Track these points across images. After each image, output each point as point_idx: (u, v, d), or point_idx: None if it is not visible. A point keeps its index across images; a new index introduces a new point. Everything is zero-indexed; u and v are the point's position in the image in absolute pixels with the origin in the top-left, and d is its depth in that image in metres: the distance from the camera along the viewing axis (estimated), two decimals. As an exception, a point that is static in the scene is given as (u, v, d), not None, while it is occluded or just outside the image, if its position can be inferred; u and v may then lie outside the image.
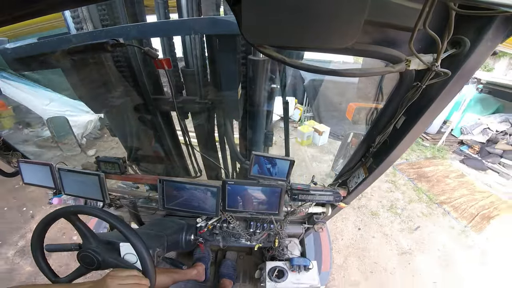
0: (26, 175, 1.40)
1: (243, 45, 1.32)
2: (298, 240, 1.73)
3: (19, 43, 1.19)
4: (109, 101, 1.56)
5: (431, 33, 0.47)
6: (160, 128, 1.74)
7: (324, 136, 3.92)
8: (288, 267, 1.50)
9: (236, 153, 1.87)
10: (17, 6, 0.44)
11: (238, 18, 0.45)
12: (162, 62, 0.94)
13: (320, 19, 0.42)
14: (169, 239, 1.30)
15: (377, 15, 0.49)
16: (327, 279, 1.94)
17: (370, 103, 1.17)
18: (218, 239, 1.51)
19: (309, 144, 3.87)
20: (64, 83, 1.32)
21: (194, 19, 1.13)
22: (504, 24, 0.48)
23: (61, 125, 1.87)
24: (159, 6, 1.24)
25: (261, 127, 1.70)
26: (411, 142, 0.82)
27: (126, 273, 0.91)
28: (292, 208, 1.37)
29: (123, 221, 0.98)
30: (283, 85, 1.70)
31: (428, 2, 0.41)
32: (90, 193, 1.33)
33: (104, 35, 1.09)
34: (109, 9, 1.22)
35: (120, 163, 1.28)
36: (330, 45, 0.47)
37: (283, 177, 1.16)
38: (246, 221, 1.49)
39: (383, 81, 1.05)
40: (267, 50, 0.52)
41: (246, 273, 2.04)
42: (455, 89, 0.62)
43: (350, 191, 1.17)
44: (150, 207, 1.58)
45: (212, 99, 1.54)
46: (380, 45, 0.58)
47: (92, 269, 0.98)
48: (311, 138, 3.94)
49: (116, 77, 1.42)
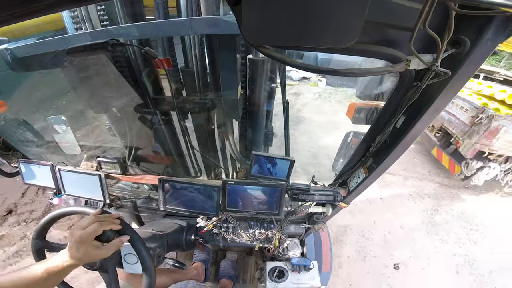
0: (26, 174, 1.40)
1: (243, 45, 1.32)
2: (298, 240, 1.73)
3: (19, 43, 1.19)
4: (109, 101, 1.56)
5: (431, 33, 0.47)
6: (160, 127, 1.74)
7: (323, 82, 7.68)
8: (289, 267, 1.50)
9: (236, 153, 1.87)
10: (17, 6, 0.44)
11: (238, 18, 0.45)
12: (162, 62, 0.94)
13: (320, 19, 0.42)
14: (170, 239, 1.30)
15: (377, 15, 0.49)
16: (327, 279, 1.93)
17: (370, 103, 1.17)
18: (218, 239, 1.50)
19: (315, 86, 7.71)
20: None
21: (194, 19, 1.13)
22: (504, 24, 0.48)
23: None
24: (159, 6, 1.24)
25: (261, 127, 1.70)
26: (411, 142, 0.82)
27: (86, 221, 0.81)
28: (292, 208, 1.37)
29: (123, 221, 0.98)
30: (283, 85, 1.70)
31: (428, 2, 0.41)
32: (91, 193, 1.33)
33: (104, 35, 1.09)
34: (108, 9, 1.22)
35: (120, 163, 1.28)
36: (330, 45, 0.47)
37: (283, 177, 1.16)
38: (246, 221, 1.49)
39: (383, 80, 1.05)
40: (267, 50, 0.52)
41: (246, 273, 2.04)
42: (455, 89, 0.62)
43: (350, 191, 1.17)
44: (150, 207, 1.58)
45: (212, 99, 1.54)
46: (380, 45, 0.58)
47: (92, 269, 0.98)
48: (316, 83, 7.79)
49: (116, 77, 1.42)
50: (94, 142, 2.16)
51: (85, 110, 1.78)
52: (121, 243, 0.84)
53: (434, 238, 3.53)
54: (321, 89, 7.37)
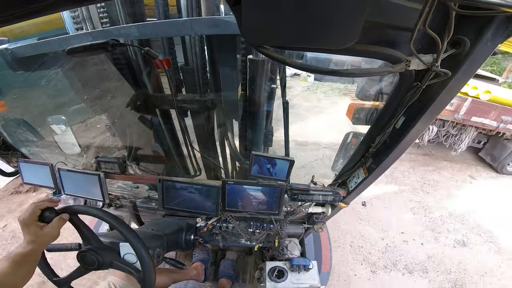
0: (26, 174, 1.39)
1: (243, 44, 1.32)
2: (298, 240, 1.73)
3: (19, 43, 1.19)
4: (109, 101, 1.56)
5: (431, 33, 0.47)
6: (160, 127, 1.74)
7: (311, 78, 8.80)
8: (288, 267, 1.50)
9: (236, 153, 1.87)
10: (17, 6, 0.44)
11: (238, 18, 0.44)
12: (162, 62, 0.94)
13: (320, 19, 0.42)
14: (169, 239, 1.30)
15: (377, 15, 0.49)
16: (327, 279, 1.93)
17: (370, 103, 1.17)
18: (218, 239, 1.50)
19: (305, 81, 8.84)
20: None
21: (194, 19, 1.13)
22: (504, 24, 0.48)
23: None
24: (159, 6, 1.24)
25: (261, 127, 1.70)
26: (410, 142, 0.82)
27: (26, 207, 0.88)
28: (292, 208, 1.37)
29: (123, 221, 0.98)
30: (283, 85, 1.70)
31: (428, 2, 0.41)
32: (90, 193, 1.33)
33: (104, 35, 1.09)
34: (109, 9, 1.22)
35: (120, 163, 1.28)
36: (330, 45, 0.47)
37: (283, 177, 1.16)
38: (246, 221, 1.49)
39: (383, 81, 1.05)
40: (267, 50, 0.52)
41: (246, 273, 2.04)
42: (455, 89, 0.62)
43: (350, 191, 1.17)
44: (150, 207, 1.57)
45: (212, 98, 1.54)
46: (380, 46, 0.58)
47: (92, 269, 0.98)
48: (305, 79, 8.89)
49: (116, 77, 1.42)
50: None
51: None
52: (62, 220, 0.89)
53: (393, 186, 4.37)
54: (309, 83, 8.79)
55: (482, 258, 3.29)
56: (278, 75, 1.64)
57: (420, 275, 2.99)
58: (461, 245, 3.43)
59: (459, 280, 3.00)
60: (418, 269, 3.05)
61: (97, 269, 0.98)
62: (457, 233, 3.60)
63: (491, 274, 3.11)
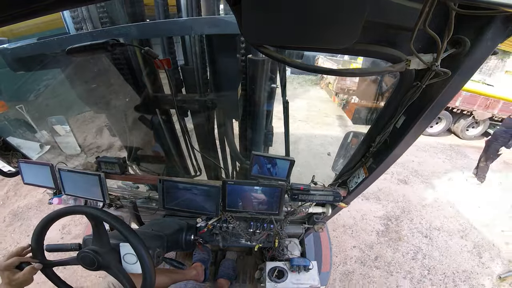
0: (26, 175, 1.39)
1: (243, 44, 1.32)
2: (298, 240, 1.72)
3: (19, 43, 1.19)
4: (109, 101, 1.56)
5: (431, 33, 0.47)
6: (160, 127, 1.74)
7: (288, 71, 8.63)
8: (288, 267, 1.50)
9: (236, 153, 1.87)
10: (17, 6, 0.44)
11: (238, 18, 0.44)
12: (162, 62, 0.94)
13: (320, 19, 0.42)
14: (169, 239, 1.29)
15: (377, 15, 0.49)
16: (327, 280, 1.93)
17: (370, 103, 1.17)
18: (218, 239, 1.50)
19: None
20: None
21: (195, 19, 1.13)
22: (504, 24, 0.48)
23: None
24: (159, 5, 1.24)
25: (261, 127, 1.70)
26: (411, 141, 0.82)
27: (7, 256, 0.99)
28: (292, 208, 1.37)
29: (123, 222, 0.98)
30: (283, 85, 1.70)
31: (428, 2, 0.41)
32: (90, 193, 1.33)
33: (104, 35, 1.09)
34: (109, 9, 1.22)
35: (120, 163, 1.28)
36: (330, 45, 0.47)
37: (283, 177, 1.16)
38: (246, 221, 1.49)
39: (383, 80, 1.05)
40: (267, 50, 0.52)
41: (246, 273, 2.03)
42: (455, 89, 0.62)
43: (350, 191, 1.17)
44: (150, 207, 1.57)
45: (212, 98, 1.54)
46: (380, 45, 0.58)
47: (91, 269, 0.98)
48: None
49: (116, 77, 1.42)
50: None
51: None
52: (33, 269, 1.00)
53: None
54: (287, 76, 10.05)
55: (421, 193, 4.33)
56: (278, 75, 1.64)
57: (375, 201, 4.01)
58: (404, 183, 4.56)
59: (406, 208, 3.94)
60: (373, 197, 4.07)
61: (97, 269, 0.98)
62: (399, 175, 4.72)
63: (431, 205, 4.07)
